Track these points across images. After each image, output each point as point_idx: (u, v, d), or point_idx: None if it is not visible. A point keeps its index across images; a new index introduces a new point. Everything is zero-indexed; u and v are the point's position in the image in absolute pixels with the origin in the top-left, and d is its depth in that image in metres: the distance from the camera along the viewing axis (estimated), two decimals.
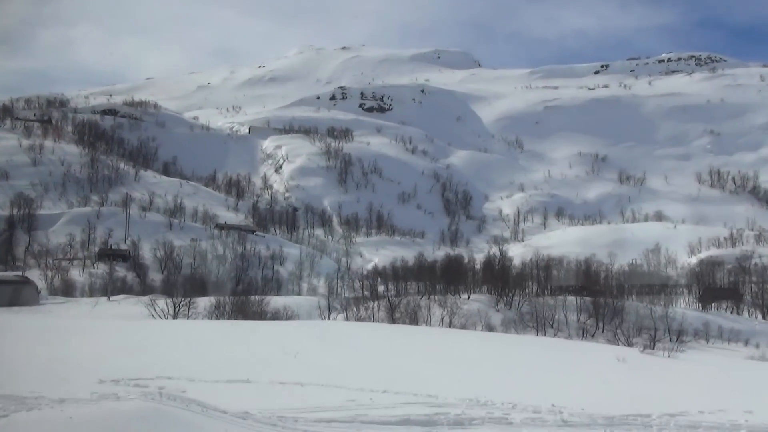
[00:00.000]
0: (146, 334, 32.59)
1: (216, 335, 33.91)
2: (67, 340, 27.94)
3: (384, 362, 28.09)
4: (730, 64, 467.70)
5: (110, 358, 22.65)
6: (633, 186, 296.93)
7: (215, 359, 24.77)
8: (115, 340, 28.91)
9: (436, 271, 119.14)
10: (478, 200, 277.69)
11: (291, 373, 21.86)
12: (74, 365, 20.94)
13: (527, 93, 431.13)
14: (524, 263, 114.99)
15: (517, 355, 35.32)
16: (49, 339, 27.89)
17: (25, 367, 19.71)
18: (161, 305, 57.33)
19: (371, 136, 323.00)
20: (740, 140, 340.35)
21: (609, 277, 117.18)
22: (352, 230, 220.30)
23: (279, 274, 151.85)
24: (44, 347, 24.75)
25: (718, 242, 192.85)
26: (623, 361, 32.69)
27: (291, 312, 71.14)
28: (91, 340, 28.53)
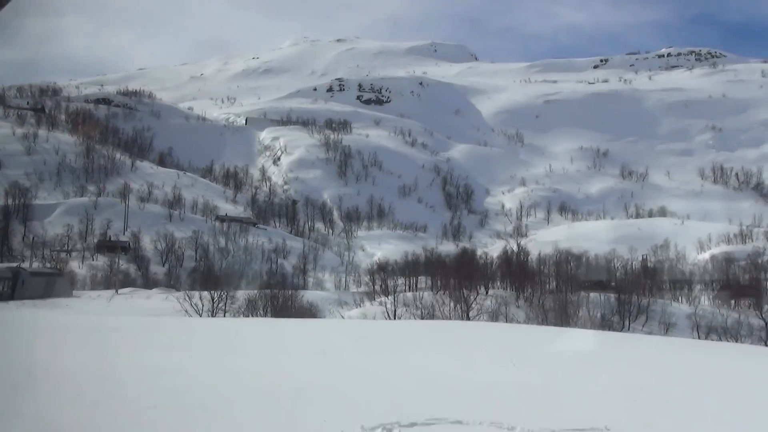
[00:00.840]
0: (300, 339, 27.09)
1: (342, 340, 28.15)
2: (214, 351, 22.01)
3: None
4: (730, 59, 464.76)
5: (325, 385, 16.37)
6: (635, 181, 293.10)
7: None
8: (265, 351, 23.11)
9: (448, 265, 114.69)
10: (479, 194, 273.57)
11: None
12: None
13: (526, 87, 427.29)
14: (541, 258, 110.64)
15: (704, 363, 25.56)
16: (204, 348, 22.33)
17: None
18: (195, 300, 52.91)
19: (370, 129, 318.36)
20: (742, 136, 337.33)
21: (630, 273, 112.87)
22: (353, 224, 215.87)
23: (283, 267, 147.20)
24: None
25: (728, 239, 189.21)
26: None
27: (315, 309, 66.58)
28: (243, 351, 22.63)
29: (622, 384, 18.96)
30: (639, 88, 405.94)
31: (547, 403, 15.39)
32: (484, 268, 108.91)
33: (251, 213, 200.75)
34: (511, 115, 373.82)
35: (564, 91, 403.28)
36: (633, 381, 19.17)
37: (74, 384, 14.03)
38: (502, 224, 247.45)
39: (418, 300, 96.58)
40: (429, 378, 17.83)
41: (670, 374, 21.36)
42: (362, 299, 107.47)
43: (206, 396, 13.65)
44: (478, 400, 15.01)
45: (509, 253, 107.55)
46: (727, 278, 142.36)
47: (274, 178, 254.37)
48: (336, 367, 18.95)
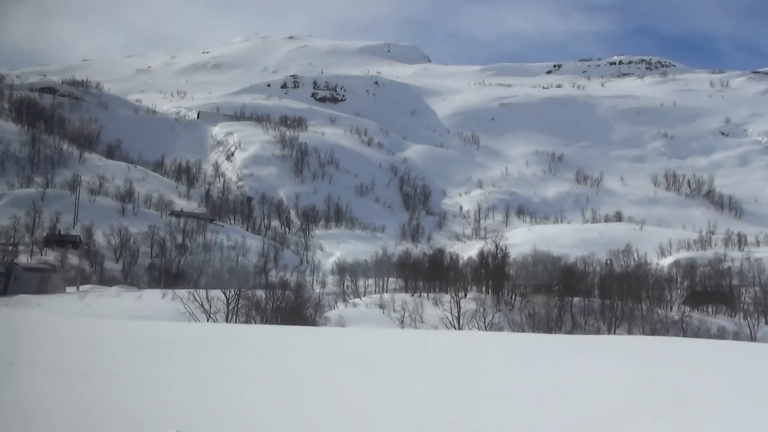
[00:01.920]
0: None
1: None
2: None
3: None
4: (679, 69, 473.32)
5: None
6: (590, 186, 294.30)
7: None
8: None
9: (423, 267, 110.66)
10: (436, 196, 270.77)
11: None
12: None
13: (481, 89, 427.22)
14: (519, 261, 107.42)
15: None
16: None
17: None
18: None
19: (325, 127, 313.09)
20: (693, 144, 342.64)
21: (606, 277, 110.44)
22: (310, 222, 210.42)
23: (242, 266, 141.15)
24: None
25: (688, 245, 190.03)
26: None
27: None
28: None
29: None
30: (592, 94, 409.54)
31: None
32: (461, 271, 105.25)
33: (205, 209, 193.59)
34: (466, 117, 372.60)
35: (519, 95, 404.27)
36: None
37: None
38: (460, 226, 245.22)
39: (394, 302, 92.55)
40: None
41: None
42: (336, 300, 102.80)
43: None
44: None
45: (486, 256, 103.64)
46: (693, 283, 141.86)
47: (228, 174, 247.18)
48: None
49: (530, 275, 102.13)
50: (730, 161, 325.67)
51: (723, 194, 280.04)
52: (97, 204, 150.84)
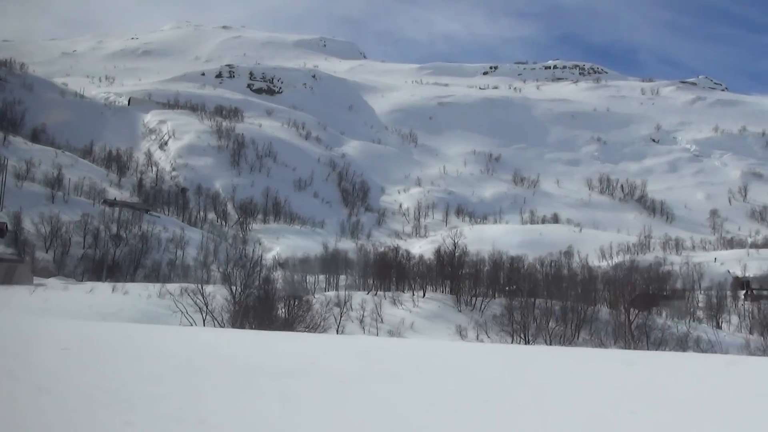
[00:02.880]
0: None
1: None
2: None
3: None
4: (611, 76, 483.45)
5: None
6: (527, 188, 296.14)
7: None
8: None
9: (373, 264, 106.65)
10: (375, 192, 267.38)
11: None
12: None
13: (419, 88, 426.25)
14: (476, 260, 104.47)
15: None
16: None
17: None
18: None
19: (262, 119, 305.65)
20: (625, 150, 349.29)
21: (561, 279, 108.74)
22: (248, 216, 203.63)
23: (182, 259, 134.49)
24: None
25: (627, 248, 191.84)
26: None
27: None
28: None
29: None
30: (529, 96, 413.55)
31: None
32: (418, 269, 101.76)
33: (138, 199, 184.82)
34: (404, 114, 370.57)
35: (457, 95, 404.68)
36: None
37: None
38: (400, 224, 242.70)
39: (351, 301, 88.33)
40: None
41: None
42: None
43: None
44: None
45: (444, 254, 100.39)
46: (634, 286, 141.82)
47: (162, 163, 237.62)
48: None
49: (488, 275, 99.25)
50: (661, 167, 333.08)
51: (655, 200, 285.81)
52: (24, 190, 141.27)
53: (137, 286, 72.70)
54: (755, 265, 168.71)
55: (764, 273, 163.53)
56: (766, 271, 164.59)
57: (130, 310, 42.51)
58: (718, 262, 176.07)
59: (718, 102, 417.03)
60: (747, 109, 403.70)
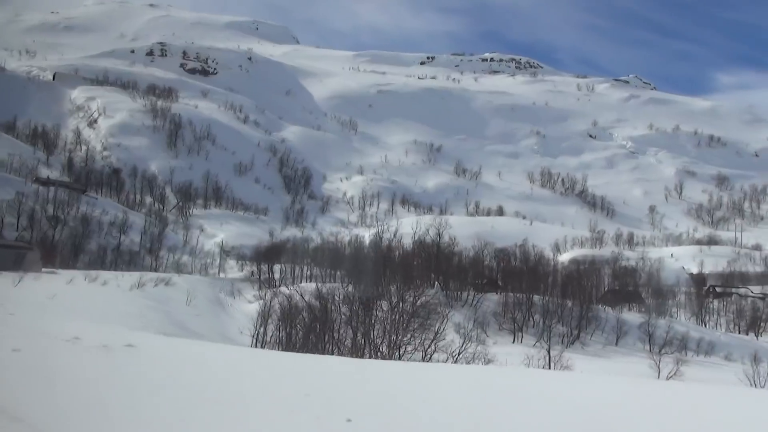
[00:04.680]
0: None
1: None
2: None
3: None
4: (547, 71, 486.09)
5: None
6: (469, 179, 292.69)
7: None
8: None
9: (353, 255, 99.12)
10: (317, 179, 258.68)
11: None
12: None
13: (357, 75, 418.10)
14: (461, 252, 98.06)
15: None
16: None
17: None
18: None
19: (198, 100, 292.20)
20: (564, 144, 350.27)
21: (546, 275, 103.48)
22: (188, 200, 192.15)
23: (125, 245, 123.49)
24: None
25: (581, 242, 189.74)
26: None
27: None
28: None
29: None
30: (467, 88, 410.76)
31: None
32: (400, 260, 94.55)
33: (69, 179, 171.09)
34: (343, 101, 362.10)
35: (396, 83, 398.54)
36: None
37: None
38: (345, 212, 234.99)
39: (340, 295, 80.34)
40: None
41: None
42: (260, 290, 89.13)
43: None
44: None
45: (429, 244, 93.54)
46: (597, 281, 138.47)
47: (92, 142, 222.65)
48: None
49: (476, 268, 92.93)
50: (599, 163, 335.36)
51: (596, 195, 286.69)
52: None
53: (107, 276, 63.05)
54: (710, 262, 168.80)
55: (718, 270, 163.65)
56: (720, 267, 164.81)
57: (157, 314, 33.72)
58: (672, 258, 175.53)
59: (651, 100, 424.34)
60: (679, 108, 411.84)
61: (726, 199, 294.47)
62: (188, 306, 55.31)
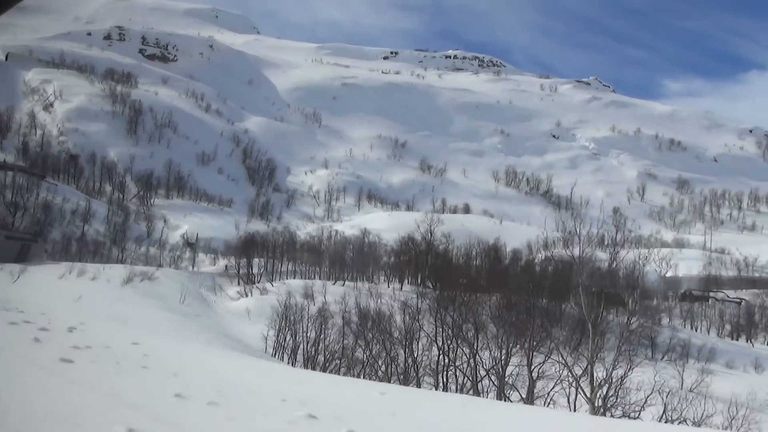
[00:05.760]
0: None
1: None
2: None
3: None
4: (510, 70, 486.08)
5: None
6: (434, 176, 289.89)
7: None
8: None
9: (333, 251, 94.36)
10: (281, 172, 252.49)
11: None
12: None
13: (321, 67, 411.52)
14: (453, 248, 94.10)
15: None
16: None
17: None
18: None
19: (158, 86, 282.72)
20: (527, 144, 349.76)
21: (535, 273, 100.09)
22: (149, 190, 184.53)
23: (89, 235, 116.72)
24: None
25: (553, 242, 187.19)
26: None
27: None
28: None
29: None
30: (432, 84, 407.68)
31: None
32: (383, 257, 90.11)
33: (25, 164, 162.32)
34: (307, 93, 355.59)
35: (361, 77, 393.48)
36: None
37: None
38: (310, 206, 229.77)
39: (325, 292, 75.79)
40: None
41: None
42: (245, 287, 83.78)
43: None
44: None
45: (418, 241, 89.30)
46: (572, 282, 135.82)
47: (48, 126, 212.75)
48: None
49: (473, 267, 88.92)
50: (562, 163, 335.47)
51: (560, 195, 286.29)
52: None
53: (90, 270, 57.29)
54: (682, 265, 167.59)
55: (693, 273, 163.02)
56: (695, 271, 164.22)
57: (185, 319, 28.66)
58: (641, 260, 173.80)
59: (613, 103, 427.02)
60: (639, 112, 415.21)
61: (687, 203, 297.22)
62: (183, 305, 50.08)
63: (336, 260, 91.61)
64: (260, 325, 59.44)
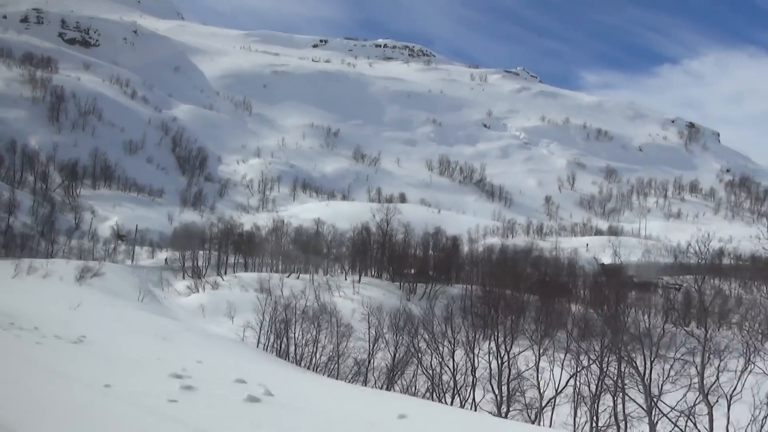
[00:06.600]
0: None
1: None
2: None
3: None
4: (439, 59, 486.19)
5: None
6: (368, 165, 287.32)
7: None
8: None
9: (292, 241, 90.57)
10: (212, 161, 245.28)
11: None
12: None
13: (250, 54, 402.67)
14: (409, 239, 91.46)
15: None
16: None
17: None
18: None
19: (80, 72, 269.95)
20: (459, 133, 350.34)
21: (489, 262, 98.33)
22: (74, 180, 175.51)
23: (15, 227, 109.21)
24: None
25: (492, 231, 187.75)
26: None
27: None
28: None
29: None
30: (364, 72, 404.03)
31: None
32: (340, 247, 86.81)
33: None
34: (237, 81, 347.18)
35: (291, 65, 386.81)
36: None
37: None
38: (244, 196, 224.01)
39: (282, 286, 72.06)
40: None
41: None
42: (193, 281, 78.94)
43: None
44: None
45: (377, 232, 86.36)
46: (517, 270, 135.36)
47: None
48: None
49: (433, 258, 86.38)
50: (494, 152, 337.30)
51: (494, 184, 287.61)
52: None
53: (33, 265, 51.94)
54: (620, 253, 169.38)
55: (632, 261, 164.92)
56: (635, 258, 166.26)
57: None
58: (586, 249, 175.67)
59: (541, 93, 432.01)
60: (567, 102, 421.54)
61: (615, 192, 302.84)
62: (141, 302, 45.67)
63: (288, 252, 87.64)
64: (217, 322, 55.39)
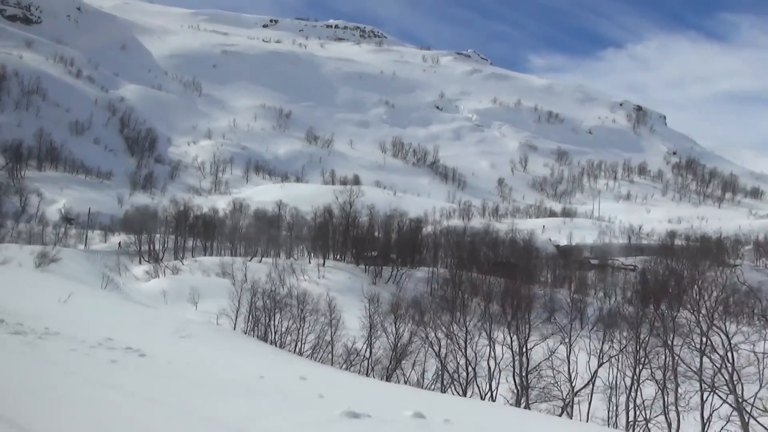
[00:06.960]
0: None
1: None
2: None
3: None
4: (391, 41, 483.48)
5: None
6: (321, 147, 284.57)
7: None
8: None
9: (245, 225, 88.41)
10: (162, 142, 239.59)
11: None
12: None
13: (198, 33, 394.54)
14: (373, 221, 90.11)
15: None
16: None
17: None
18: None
19: (21, 50, 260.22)
20: (412, 115, 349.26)
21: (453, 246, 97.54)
22: (18, 161, 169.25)
23: None
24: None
25: (448, 213, 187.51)
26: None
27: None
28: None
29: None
30: (315, 53, 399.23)
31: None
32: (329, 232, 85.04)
33: None
34: (185, 60, 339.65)
35: (241, 45, 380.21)
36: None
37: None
38: (196, 178, 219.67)
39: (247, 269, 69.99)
40: None
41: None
42: (152, 266, 76.11)
43: None
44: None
45: (342, 215, 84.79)
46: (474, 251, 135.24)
47: None
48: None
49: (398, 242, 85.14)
50: (446, 134, 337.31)
51: (447, 166, 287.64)
52: None
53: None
54: (575, 234, 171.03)
55: (587, 242, 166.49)
56: (591, 240, 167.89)
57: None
58: (542, 230, 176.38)
59: (492, 75, 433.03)
60: (518, 84, 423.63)
61: (567, 174, 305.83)
62: (104, 290, 43.32)
63: (249, 235, 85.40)
64: (180, 308, 53.32)
